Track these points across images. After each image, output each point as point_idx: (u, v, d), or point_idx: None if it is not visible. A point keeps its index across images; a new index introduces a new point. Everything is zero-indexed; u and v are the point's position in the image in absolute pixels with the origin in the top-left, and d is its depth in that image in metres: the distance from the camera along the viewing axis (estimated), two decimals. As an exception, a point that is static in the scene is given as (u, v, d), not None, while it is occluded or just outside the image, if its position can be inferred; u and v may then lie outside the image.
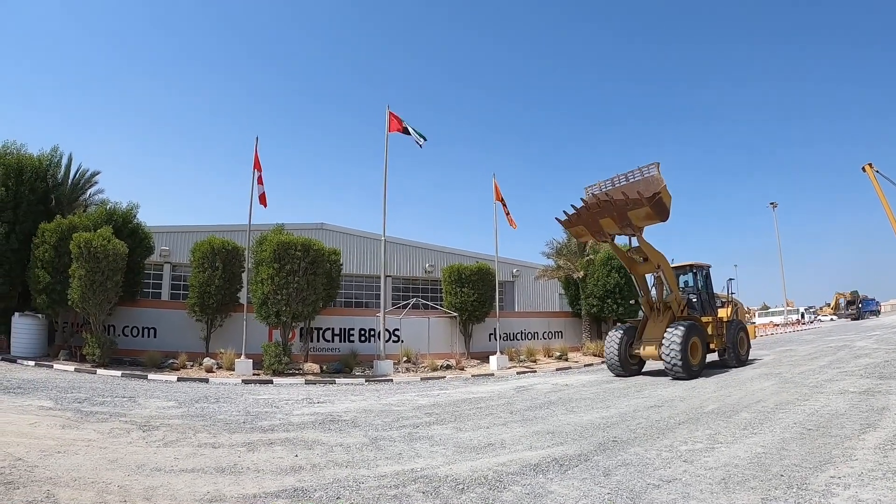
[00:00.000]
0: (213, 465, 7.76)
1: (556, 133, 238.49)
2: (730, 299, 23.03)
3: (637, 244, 19.89)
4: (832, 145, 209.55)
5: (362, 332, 26.41)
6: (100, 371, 19.13)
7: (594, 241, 24.83)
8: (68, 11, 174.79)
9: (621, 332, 20.25)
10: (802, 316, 79.12)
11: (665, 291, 20.29)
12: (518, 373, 22.74)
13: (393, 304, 30.03)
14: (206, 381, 18.65)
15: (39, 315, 21.82)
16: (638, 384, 16.83)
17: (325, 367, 22.24)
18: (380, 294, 24.65)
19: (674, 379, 17.56)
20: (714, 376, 17.99)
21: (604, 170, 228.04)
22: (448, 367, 24.08)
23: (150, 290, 33.74)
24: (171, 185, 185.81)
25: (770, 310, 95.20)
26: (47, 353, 21.84)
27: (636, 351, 19.94)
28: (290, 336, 22.39)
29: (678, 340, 17.41)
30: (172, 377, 18.82)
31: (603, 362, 25.19)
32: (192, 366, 21.36)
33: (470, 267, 28.40)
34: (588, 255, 30.87)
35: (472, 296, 27.46)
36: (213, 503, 6.07)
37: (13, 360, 20.42)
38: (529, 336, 30.78)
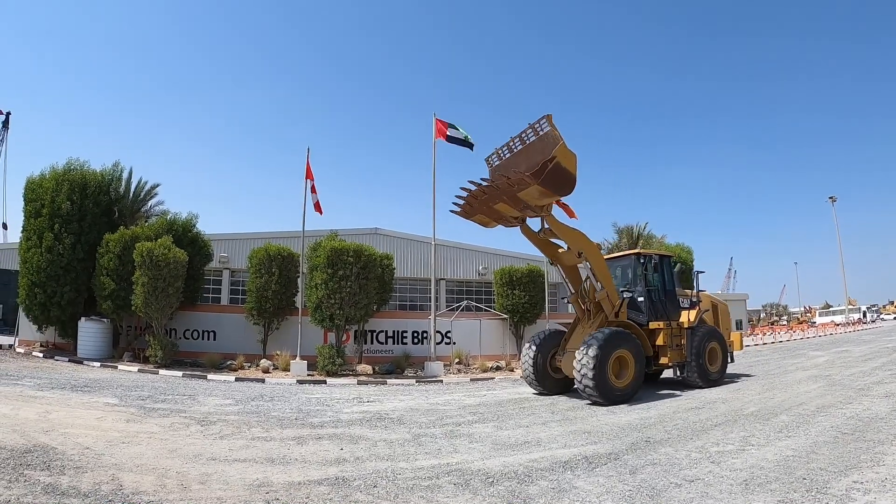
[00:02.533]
0: (264, 455, 8.30)
1: (602, 129, 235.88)
2: (697, 298, 17.72)
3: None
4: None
5: (415, 335, 26.61)
6: (162, 371, 19.91)
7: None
8: (127, 34, 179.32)
9: (541, 339, 16.36)
10: (864, 315, 76.87)
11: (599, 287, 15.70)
12: None
13: (447, 307, 30.32)
14: (263, 381, 19.21)
15: (105, 319, 22.97)
16: (683, 385, 16.66)
17: (377, 369, 22.63)
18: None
19: (591, 404, 13.62)
20: (758, 379, 17.52)
21: (652, 166, 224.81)
22: (498, 368, 24.18)
23: (210, 295, 34.58)
24: (229, 194, 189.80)
25: (832, 309, 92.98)
26: (112, 354, 22.82)
27: (560, 363, 15.95)
28: (344, 338, 22.90)
29: (592, 354, 13.39)
30: (230, 377, 19.48)
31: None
32: (250, 367, 22.01)
33: (521, 269, 28.49)
34: None
35: (523, 298, 27.51)
36: (260, 488, 6.59)
37: (80, 362, 21.51)
38: None
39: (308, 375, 20.50)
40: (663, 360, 16.12)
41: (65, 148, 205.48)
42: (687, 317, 16.90)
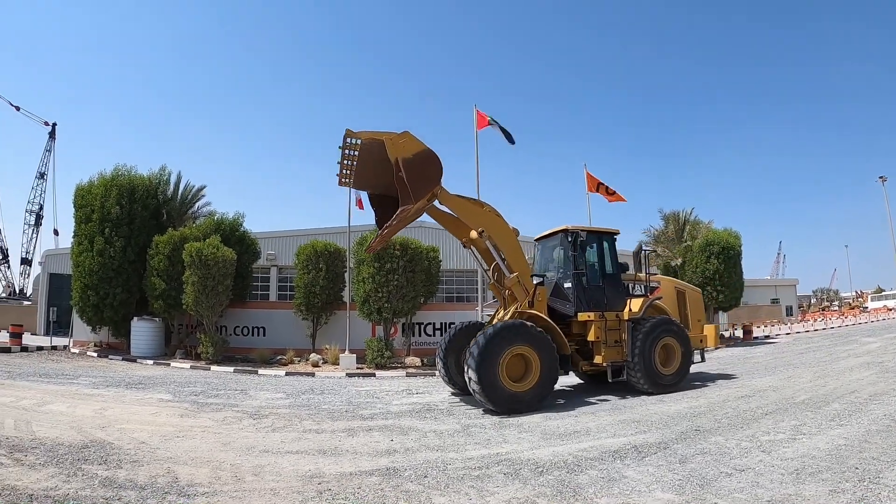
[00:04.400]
0: (316, 447, 8.45)
1: (649, 119, 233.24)
2: (640, 279, 15.01)
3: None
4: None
5: (463, 326, 26.11)
6: (213, 367, 20.31)
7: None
8: (177, 41, 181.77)
9: (452, 334, 14.71)
10: (919, 299, 74.99)
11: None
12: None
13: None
14: (312, 375, 19.42)
15: (156, 318, 23.57)
16: (733, 374, 16.46)
17: (425, 361, 22.57)
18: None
19: (485, 412, 11.80)
20: (810, 367, 16.98)
21: (698, 152, 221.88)
22: None
23: (259, 292, 34.96)
24: (275, 192, 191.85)
25: (884, 293, 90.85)
26: (164, 352, 23.32)
27: None
28: (392, 331, 23.12)
29: (475, 353, 11.46)
30: (281, 372, 19.76)
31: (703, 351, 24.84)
32: (299, 361, 22.28)
33: None
34: (686, 242, 30.07)
35: None
36: (313, 479, 6.71)
37: (133, 360, 22.08)
38: None
39: (357, 368, 20.68)
40: (597, 360, 13.65)
41: (112, 155, 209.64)
42: (627, 308, 14.08)
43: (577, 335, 13.91)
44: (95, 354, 23.74)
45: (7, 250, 69.70)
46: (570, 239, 14.05)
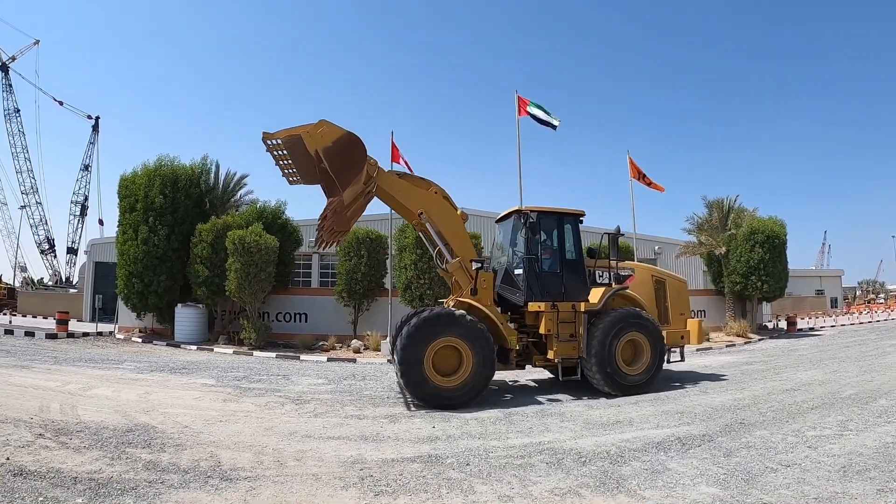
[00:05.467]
0: (358, 433, 8.50)
1: (690, 108, 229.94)
2: (615, 270, 13.21)
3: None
4: None
5: (504, 312, 25.88)
6: (256, 353, 20.46)
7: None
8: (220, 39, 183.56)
9: (399, 325, 12.87)
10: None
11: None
12: None
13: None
14: (354, 361, 19.47)
15: (200, 305, 23.88)
16: (777, 367, 16.15)
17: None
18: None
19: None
20: (856, 361, 16.69)
21: (744, 143, 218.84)
22: None
23: (300, 279, 35.14)
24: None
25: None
26: (207, 338, 23.58)
27: None
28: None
29: (399, 344, 11.11)
30: (323, 358, 19.87)
31: (746, 343, 24.52)
32: (341, 347, 22.35)
33: None
34: (730, 230, 29.25)
35: None
36: (354, 465, 6.76)
37: (177, 346, 22.43)
38: None
39: (398, 355, 20.51)
40: (550, 355, 12.25)
41: (154, 146, 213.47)
42: (584, 300, 12.55)
43: (532, 327, 12.70)
44: (140, 340, 24.10)
45: (53, 240, 70.92)
46: (524, 220, 12.61)
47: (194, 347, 22.03)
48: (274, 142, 11.22)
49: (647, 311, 13.01)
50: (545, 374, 14.65)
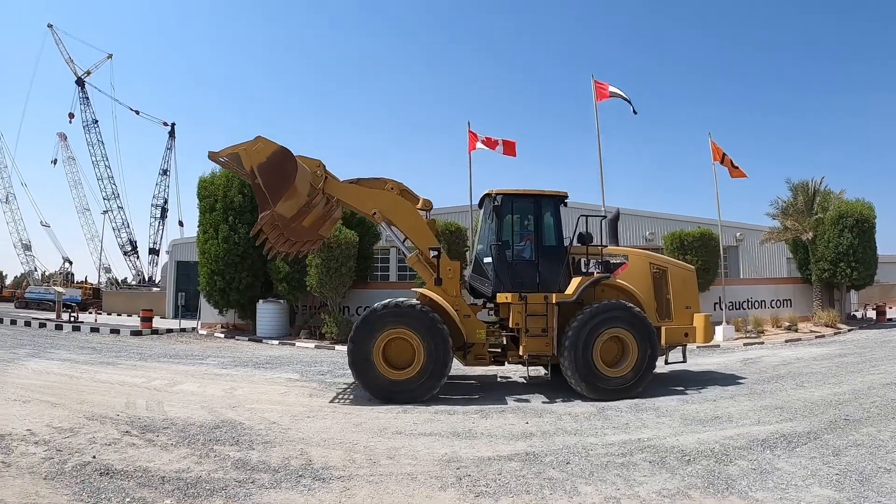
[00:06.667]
0: (449, 429, 8.38)
1: (779, 78, 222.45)
2: (598, 258, 11.85)
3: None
4: None
5: (584, 303, 25.48)
6: (338, 347, 20.43)
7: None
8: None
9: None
10: None
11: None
12: (745, 344, 21.33)
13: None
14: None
15: (281, 300, 24.18)
16: (872, 359, 15.44)
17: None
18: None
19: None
20: None
21: (831, 115, 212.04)
22: None
23: (379, 273, 35.26)
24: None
25: None
26: (289, 333, 23.86)
27: None
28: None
29: (350, 334, 11.03)
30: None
31: (836, 333, 23.69)
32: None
33: (692, 233, 26.84)
34: (816, 214, 27.93)
35: (695, 263, 25.53)
36: (450, 463, 6.63)
37: (259, 341, 22.73)
38: (755, 305, 28.68)
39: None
40: (520, 350, 11.41)
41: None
42: (555, 293, 11.44)
43: (506, 320, 11.92)
44: (222, 336, 24.54)
45: (136, 242, 73.75)
46: (495, 204, 11.80)
47: (276, 342, 22.28)
48: (223, 159, 11.30)
49: (643, 303, 11.81)
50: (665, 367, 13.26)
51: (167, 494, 5.57)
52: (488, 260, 12.09)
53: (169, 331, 26.17)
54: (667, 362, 12.43)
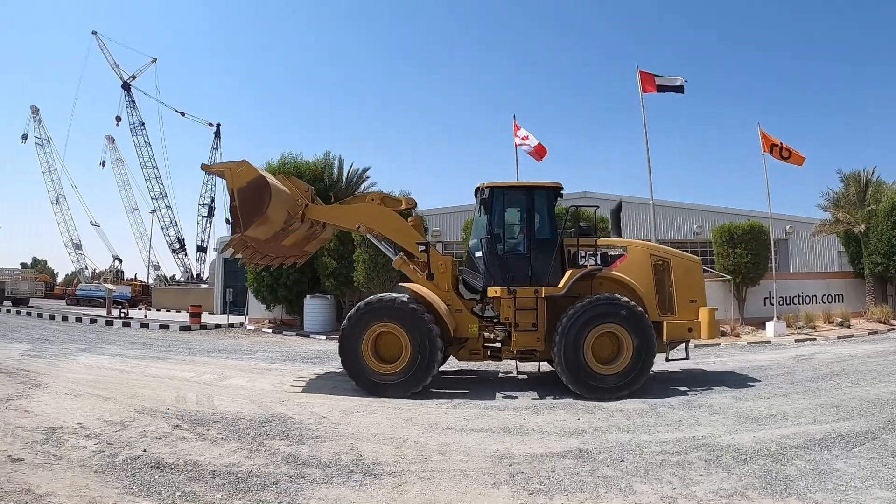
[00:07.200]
0: (500, 425, 8.33)
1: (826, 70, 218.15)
2: (592, 249, 11.69)
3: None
4: None
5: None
6: (385, 343, 20.65)
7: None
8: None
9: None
10: None
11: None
12: (796, 340, 20.90)
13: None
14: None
15: (328, 296, 24.60)
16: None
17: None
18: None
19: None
20: None
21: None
22: (722, 333, 22.58)
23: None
24: (441, 170, 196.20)
25: None
26: (336, 328, 23.91)
27: None
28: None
29: (339, 333, 11.27)
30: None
31: (889, 330, 23.13)
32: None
33: (741, 226, 26.27)
34: (869, 206, 27.07)
35: (745, 257, 25.40)
36: (502, 460, 6.59)
37: (306, 336, 23.11)
38: (806, 300, 27.64)
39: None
40: (511, 345, 11.40)
41: (276, 146, 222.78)
42: (539, 289, 11.29)
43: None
44: (270, 331, 24.88)
45: (184, 240, 75.71)
46: (483, 198, 11.74)
47: (323, 337, 22.47)
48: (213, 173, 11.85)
49: (643, 297, 11.47)
50: (685, 364, 12.83)
51: (218, 488, 5.61)
52: (479, 254, 11.94)
53: (217, 326, 26.62)
54: (668, 359, 12.09)
